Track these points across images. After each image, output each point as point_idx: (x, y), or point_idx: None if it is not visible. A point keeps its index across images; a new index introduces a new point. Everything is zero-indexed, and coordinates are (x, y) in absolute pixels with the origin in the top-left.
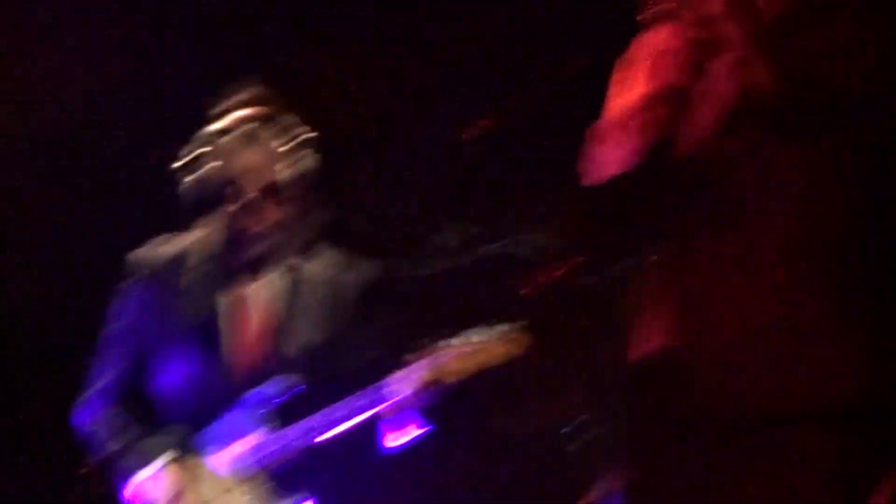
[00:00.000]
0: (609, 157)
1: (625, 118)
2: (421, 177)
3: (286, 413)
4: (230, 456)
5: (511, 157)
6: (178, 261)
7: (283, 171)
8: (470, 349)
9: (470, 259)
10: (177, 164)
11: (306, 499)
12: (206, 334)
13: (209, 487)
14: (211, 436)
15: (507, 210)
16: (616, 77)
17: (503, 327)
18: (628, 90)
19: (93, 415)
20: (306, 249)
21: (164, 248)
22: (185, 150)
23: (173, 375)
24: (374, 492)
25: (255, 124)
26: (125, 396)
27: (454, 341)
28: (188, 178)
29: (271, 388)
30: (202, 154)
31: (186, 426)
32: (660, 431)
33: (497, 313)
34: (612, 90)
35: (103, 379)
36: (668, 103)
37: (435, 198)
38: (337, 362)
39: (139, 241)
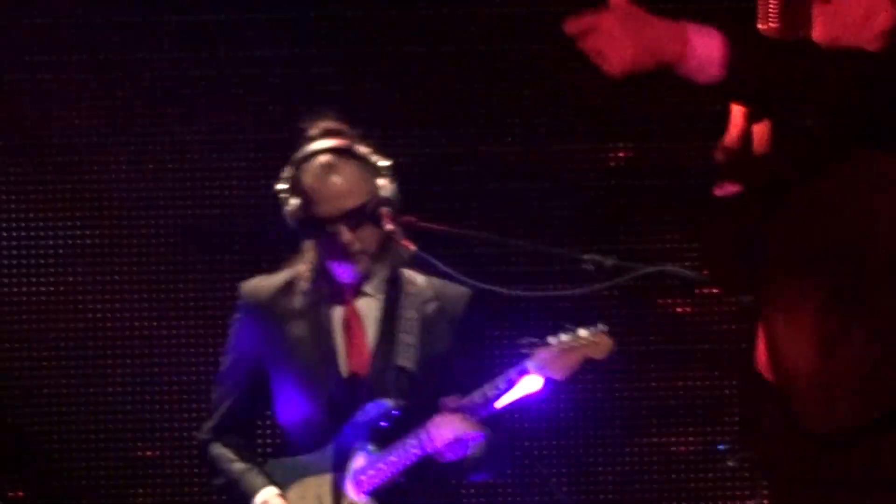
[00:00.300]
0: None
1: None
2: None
3: (391, 434)
4: (347, 479)
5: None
6: (286, 288)
7: (363, 198)
8: (570, 346)
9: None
10: (278, 194)
11: None
12: (320, 355)
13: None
14: (327, 457)
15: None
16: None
17: (593, 328)
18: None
19: (207, 449)
20: (402, 272)
21: (272, 277)
22: (277, 185)
23: (288, 401)
24: None
25: (332, 154)
26: (239, 426)
27: (552, 340)
28: (284, 209)
29: (380, 408)
30: (288, 186)
31: (301, 450)
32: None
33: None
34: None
35: (220, 409)
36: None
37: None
38: (438, 386)
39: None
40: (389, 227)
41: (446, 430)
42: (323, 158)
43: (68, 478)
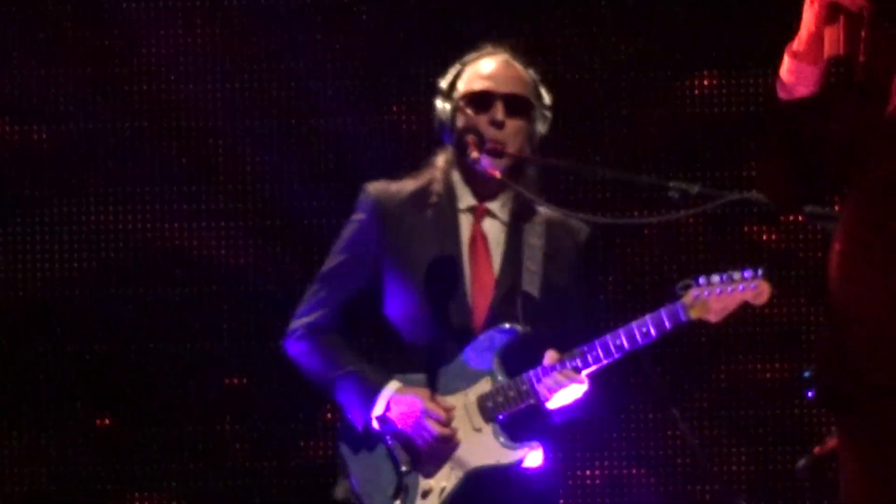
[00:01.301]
0: (801, 74)
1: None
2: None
3: (517, 360)
4: (472, 398)
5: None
6: (415, 198)
7: (528, 93)
8: (729, 289)
9: (711, 207)
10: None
11: (538, 448)
12: (442, 273)
13: (456, 427)
14: (449, 378)
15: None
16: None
17: (751, 271)
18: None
19: (309, 343)
20: (532, 199)
21: (401, 183)
22: (439, 81)
23: (407, 317)
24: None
25: (487, 60)
26: (337, 330)
27: (704, 281)
28: (434, 106)
29: (505, 333)
30: (450, 81)
31: (414, 368)
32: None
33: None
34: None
35: (322, 308)
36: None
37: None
38: (560, 318)
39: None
40: (475, 154)
41: (555, 385)
42: (500, 56)
43: (155, 406)
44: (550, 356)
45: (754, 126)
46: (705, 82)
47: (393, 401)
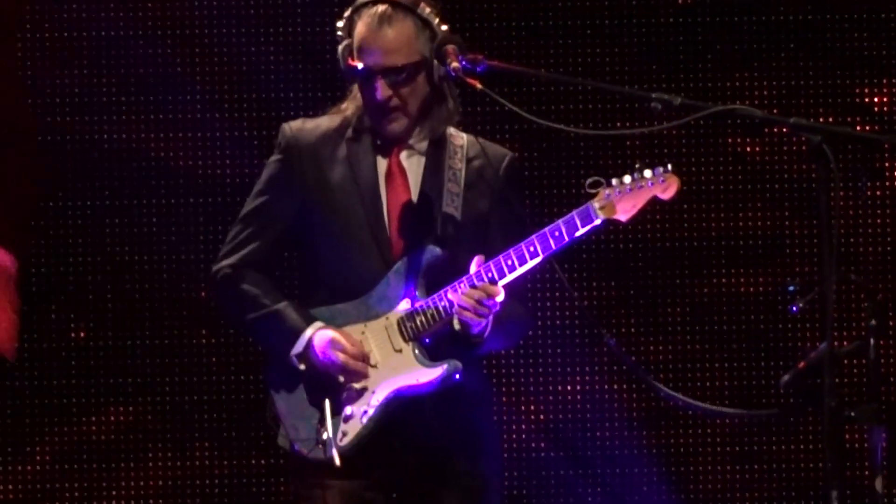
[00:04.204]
0: None
1: None
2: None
3: (435, 280)
4: (392, 320)
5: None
6: (331, 133)
7: (410, 58)
8: (637, 186)
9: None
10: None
11: (457, 366)
12: (362, 204)
13: (376, 350)
14: (371, 303)
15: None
16: None
17: (660, 168)
18: None
19: (232, 283)
20: (446, 130)
21: (317, 120)
22: (341, 21)
23: (327, 248)
24: None
25: (392, 7)
26: (261, 269)
27: (615, 181)
28: (338, 49)
29: (426, 254)
30: (345, 26)
31: (339, 298)
32: None
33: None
34: None
35: (246, 248)
36: None
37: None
38: (479, 241)
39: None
40: (455, 64)
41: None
42: (381, 8)
43: (130, 318)
44: (478, 259)
45: (739, 35)
46: None
47: (314, 341)
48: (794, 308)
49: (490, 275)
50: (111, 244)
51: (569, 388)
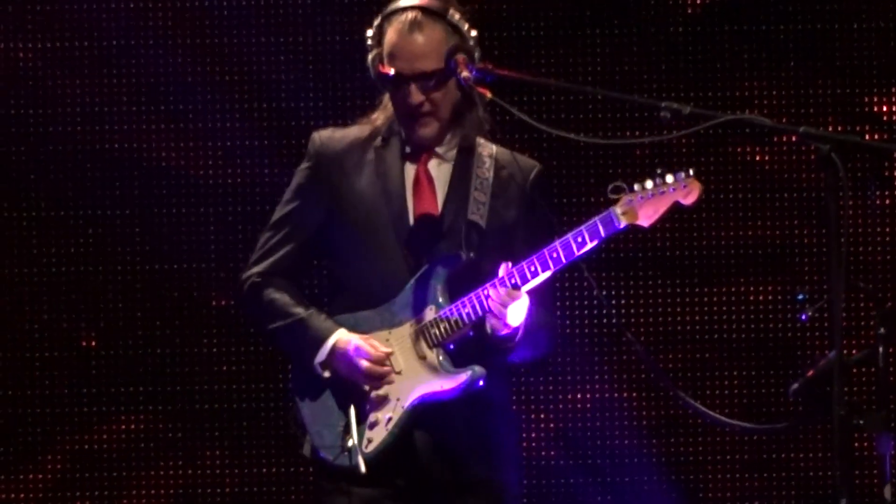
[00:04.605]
0: None
1: None
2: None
3: (459, 287)
4: (417, 327)
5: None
6: (360, 142)
7: (441, 63)
8: (659, 191)
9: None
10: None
11: (481, 373)
12: (389, 211)
13: (401, 357)
14: (395, 310)
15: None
16: None
17: (682, 173)
18: None
19: (259, 291)
20: (475, 139)
21: (347, 129)
22: (370, 29)
23: (353, 255)
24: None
25: (422, 13)
26: (290, 276)
27: (637, 186)
28: (368, 57)
29: (450, 261)
30: (375, 34)
31: (363, 305)
32: None
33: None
34: None
35: (275, 255)
36: None
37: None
38: (504, 251)
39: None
40: (465, 73)
41: (496, 304)
42: (411, 14)
43: (138, 327)
44: (504, 267)
45: (749, 44)
46: (698, 0)
47: (336, 348)
48: (804, 316)
49: (513, 280)
50: (122, 252)
51: (579, 396)
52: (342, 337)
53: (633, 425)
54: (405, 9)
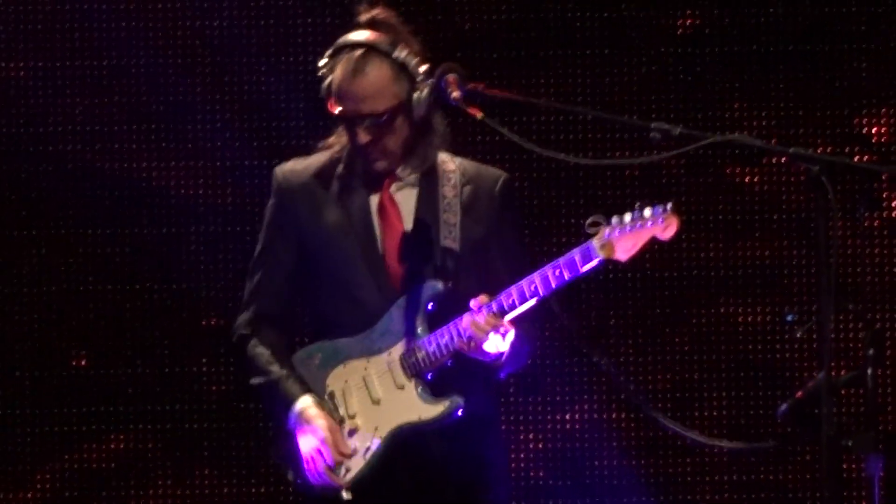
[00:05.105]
0: None
1: None
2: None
3: (438, 314)
4: (395, 356)
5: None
6: (322, 172)
7: (386, 104)
8: (636, 226)
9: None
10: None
11: (459, 402)
12: (357, 240)
13: (379, 386)
14: (373, 339)
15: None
16: None
17: (660, 207)
18: None
19: (244, 346)
20: (436, 159)
21: (307, 160)
22: (322, 59)
23: (327, 288)
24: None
25: (369, 52)
26: (278, 314)
27: (615, 220)
28: (321, 88)
29: (426, 290)
30: (327, 66)
31: (340, 335)
32: None
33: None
34: None
35: (259, 297)
36: None
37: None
38: (481, 270)
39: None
40: (456, 93)
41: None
42: (357, 53)
43: (131, 347)
44: (479, 300)
45: (737, 66)
46: (688, 21)
47: (300, 419)
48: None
49: (491, 311)
50: (113, 271)
51: (567, 416)
52: (304, 407)
53: (621, 445)
54: (353, 46)
